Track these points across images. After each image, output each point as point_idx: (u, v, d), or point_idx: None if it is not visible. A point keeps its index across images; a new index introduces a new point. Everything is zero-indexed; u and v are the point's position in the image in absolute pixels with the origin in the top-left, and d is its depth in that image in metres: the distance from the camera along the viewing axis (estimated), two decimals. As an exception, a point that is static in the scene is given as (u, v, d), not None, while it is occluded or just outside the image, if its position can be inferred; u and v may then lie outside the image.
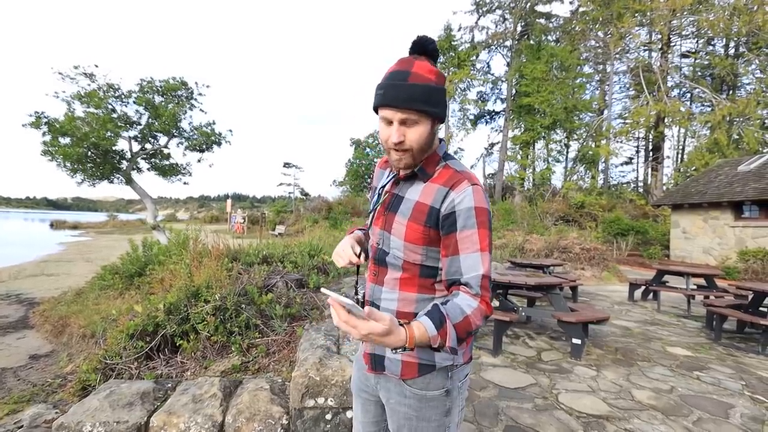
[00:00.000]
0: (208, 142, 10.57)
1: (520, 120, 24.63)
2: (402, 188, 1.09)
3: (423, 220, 1.00)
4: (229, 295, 3.38)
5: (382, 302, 1.09)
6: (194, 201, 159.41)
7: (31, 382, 3.48)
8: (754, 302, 4.64)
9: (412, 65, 0.96)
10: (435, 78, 0.96)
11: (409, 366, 1.04)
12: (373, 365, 1.11)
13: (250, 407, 2.20)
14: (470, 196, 0.96)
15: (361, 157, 28.22)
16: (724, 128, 18.04)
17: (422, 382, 1.03)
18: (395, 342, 0.82)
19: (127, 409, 2.17)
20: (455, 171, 1.01)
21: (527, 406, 2.76)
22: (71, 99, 8.94)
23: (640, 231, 14.45)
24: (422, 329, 0.85)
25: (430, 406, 1.03)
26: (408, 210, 1.03)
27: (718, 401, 2.93)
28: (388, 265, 1.08)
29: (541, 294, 4.79)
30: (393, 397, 1.08)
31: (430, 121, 0.99)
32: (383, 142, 1.01)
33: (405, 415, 1.05)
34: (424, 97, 0.94)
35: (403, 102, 0.93)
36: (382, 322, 0.80)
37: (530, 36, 24.50)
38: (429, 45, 1.00)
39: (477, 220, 0.95)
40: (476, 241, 0.95)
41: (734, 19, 17.85)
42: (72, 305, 5.84)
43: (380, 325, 0.79)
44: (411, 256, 1.03)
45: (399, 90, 0.94)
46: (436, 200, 0.99)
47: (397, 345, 0.83)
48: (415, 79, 0.94)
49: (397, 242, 1.04)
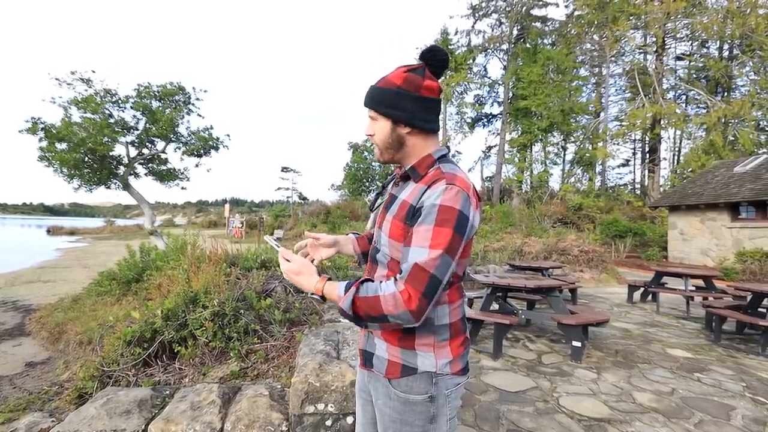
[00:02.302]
0: (205, 146, 10.55)
1: (517, 123, 24.72)
2: (399, 189, 1.13)
3: (403, 216, 1.03)
4: (227, 300, 3.35)
5: None
6: (192, 206, 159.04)
7: (27, 390, 3.44)
8: (752, 303, 4.65)
9: (391, 72, 1.07)
10: (400, 83, 1.04)
11: (393, 365, 1.06)
12: (364, 361, 1.15)
13: (249, 414, 2.18)
14: (439, 193, 0.94)
15: (359, 161, 28.17)
16: (719, 130, 18.18)
17: (405, 385, 1.04)
18: (306, 283, 1.05)
19: (124, 417, 2.15)
20: (441, 172, 1.01)
21: (528, 409, 2.75)
22: (68, 104, 8.90)
23: (637, 233, 14.50)
24: (333, 285, 1.01)
25: (414, 410, 1.03)
26: (395, 208, 1.07)
27: (719, 403, 2.92)
28: (377, 262, 1.14)
29: (541, 297, 4.78)
30: (380, 397, 1.09)
31: (390, 121, 1.06)
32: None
33: (390, 417, 1.06)
34: (380, 98, 1.06)
35: (366, 101, 1.09)
36: (293, 261, 1.09)
37: (526, 39, 24.64)
38: (426, 54, 1.07)
39: (437, 218, 0.92)
40: (428, 237, 0.92)
41: (728, 22, 18.01)
42: (69, 312, 5.79)
43: (293, 264, 1.08)
44: (395, 252, 1.05)
45: (368, 91, 1.09)
46: (416, 198, 1.01)
47: (307, 287, 1.05)
48: (382, 83, 1.07)
49: (384, 239, 1.08)
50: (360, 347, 1.18)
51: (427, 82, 1.04)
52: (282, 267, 1.09)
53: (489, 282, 4.20)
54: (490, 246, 10.23)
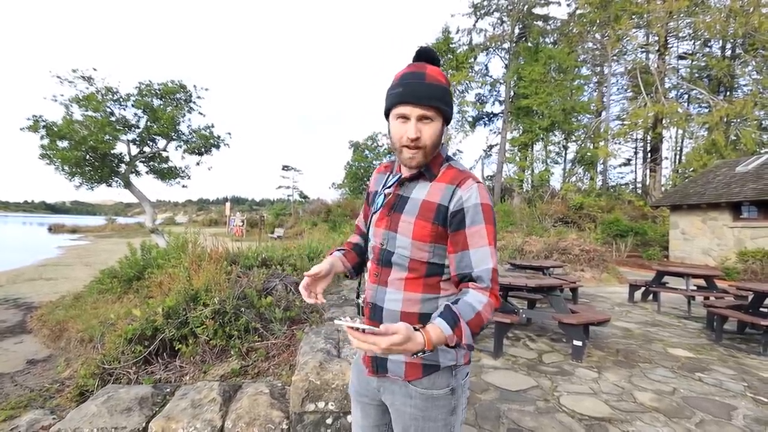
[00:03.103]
0: (206, 145, 10.57)
1: (518, 122, 24.69)
2: (407, 189, 1.11)
3: (431, 217, 1.03)
4: (228, 298, 3.35)
5: (385, 303, 1.09)
6: (193, 204, 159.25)
7: (29, 388, 3.44)
8: (754, 303, 4.63)
9: (425, 68, 1.03)
10: (445, 81, 1.04)
11: (413, 367, 1.04)
12: (375, 368, 1.10)
13: (249, 412, 2.18)
14: (476, 192, 1.01)
15: (360, 159, 28.19)
16: (721, 129, 18.13)
17: (428, 382, 1.04)
18: (414, 348, 0.83)
19: (125, 414, 2.15)
20: (459, 170, 1.06)
21: (529, 408, 2.75)
22: (69, 102, 8.93)
23: (639, 232, 14.47)
24: (437, 331, 0.86)
25: (437, 405, 1.04)
26: (415, 208, 1.06)
27: (720, 403, 2.92)
28: (393, 265, 1.09)
29: (542, 296, 4.78)
30: (398, 399, 1.08)
31: (443, 120, 1.04)
32: (396, 140, 1.04)
33: (411, 416, 1.05)
34: (441, 95, 1.01)
35: (423, 99, 0.98)
36: (399, 333, 0.80)
37: (528, 38, 24.59)
38: (431, 54, 1.08)
39: (484, 216, 1.00)
40: (484, 236, 0.99)
41: (730, 21, 17.96)
42: (70, 309, 5.80)
43: (398, 336, 0.80)
44: (418, 254, 1.05)
45: (418, 88, 0.99)
46: (444, 198, 1.03)
47: (416, 350, 0.84)
48: (431, 80, 1.01)
49: (405, 241, 1.05)
50: (366, 355, 1.12)
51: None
52: (381, 345, 0.80)
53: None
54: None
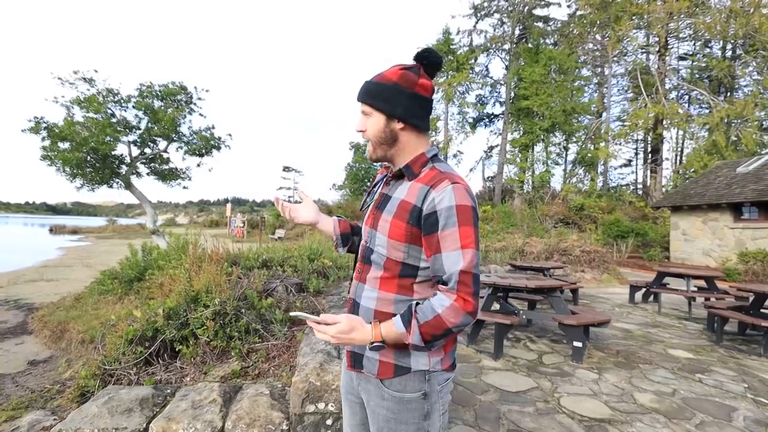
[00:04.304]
0: (207, 146, 10.58)
1: (519, 123, 24.69)
2: (392, 188, 1.12)
3: (406, 217, 1.03)
4: (228, 299, 3.36)
5: (362, 300, 1.11)
6: (194, 205, 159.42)
7: (30, 388, 3.45)
8: (755, 304, 4.63)
9: (386, 69, 1.08)
10: (396, 78, 1.04)
11: (385, 366, 1.05)
12: (353, 362, 1.13)
13: (250, 413, 2.18)
14: (450, 194, 0.98)
15: (360, 160, 28.20)
16: (722, 130, 18.10)
17: (399, 384, 1.05)
18: (361, 337, 0.97)
19: (126, 415, 2.16)
20: (439, 171, 1.04)
21: (529, 409, 2.75)
22: (70, 104, 8.95)
23: (639, 233, 14.45)
24: (389, 326, 0.97)
25: (408, 408, 1.04)
26: (393, 207, 1.06)
27: (720, 404, 2.92)
28: (372, 262, 1.11)
29: (542, 297, 4.78)
30: (372, 398, 1.09)
31: (384, 116, 1.06)
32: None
33: (384, 417, 1.06)
34: (375, 93, 1.05)
35: (360, 95, 1.08)
36: (341, 321, 0.96)
37: (528, 39, 24.62)
38: (423, 55, 1.07)
39: (458, 218, 0.97)
40: (457, 239, 0.97)
41: (731, 22, 17.96)
42: (71, 310, 5.82)
43: (342, 325, 0.96)
44: (394, 253, 1.05)
45: (363, 87, 1.09)
46: (419, 199, 1.02)
47: (364, 341, 0.97)
48: (378, 78, 1.06)
49: (382, 239, 1.07)
50: (348, 349, 1.16)
51: (422, 80, 1.05)
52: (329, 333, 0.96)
53: (490, 282, 4.20)
54: (491, 246, 10.22)
